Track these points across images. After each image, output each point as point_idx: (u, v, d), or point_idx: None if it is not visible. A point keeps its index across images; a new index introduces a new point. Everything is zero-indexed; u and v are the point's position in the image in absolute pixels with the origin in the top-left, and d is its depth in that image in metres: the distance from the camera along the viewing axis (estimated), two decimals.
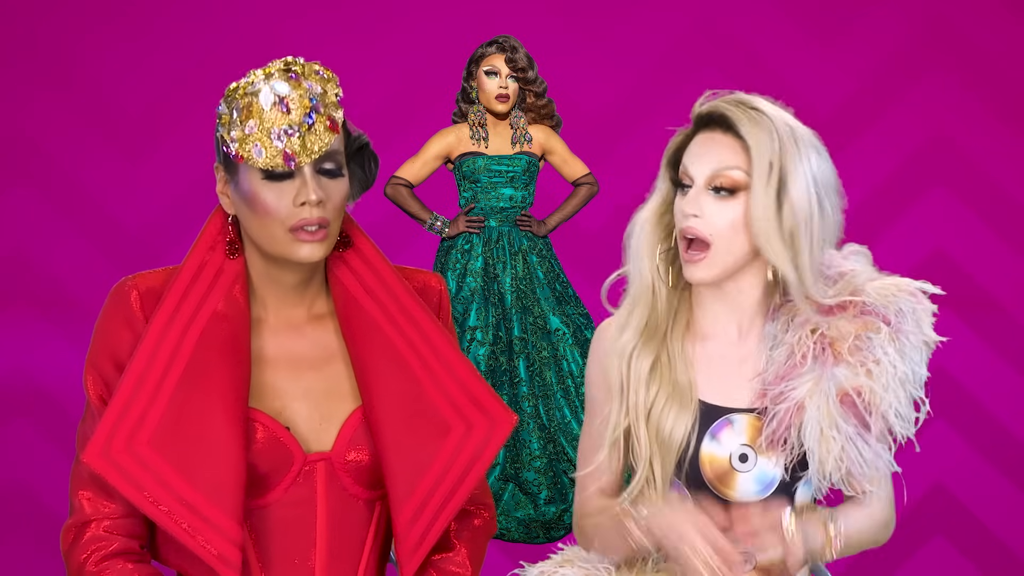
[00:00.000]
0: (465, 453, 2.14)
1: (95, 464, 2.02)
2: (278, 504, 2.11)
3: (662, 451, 2.15)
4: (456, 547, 2.24)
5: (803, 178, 2.08)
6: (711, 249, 2.11)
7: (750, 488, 2.16)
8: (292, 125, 2.02)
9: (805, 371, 2.11)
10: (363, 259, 2.19)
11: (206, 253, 2.13)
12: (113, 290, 2.13)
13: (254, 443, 2.08)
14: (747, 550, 2.09)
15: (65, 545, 2.11)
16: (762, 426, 2.14)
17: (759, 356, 2.18)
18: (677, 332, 2.19)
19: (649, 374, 2.16)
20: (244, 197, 2.07)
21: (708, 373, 2.18)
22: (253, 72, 2.07)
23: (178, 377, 2.05)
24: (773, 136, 2.08)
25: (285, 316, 2.16)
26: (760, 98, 2.14)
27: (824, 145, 2.16)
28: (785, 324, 2.16)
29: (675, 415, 2.15)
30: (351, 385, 2.16)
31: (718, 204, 2.11)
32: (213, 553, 2.02)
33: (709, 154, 2.12)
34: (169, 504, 2.02)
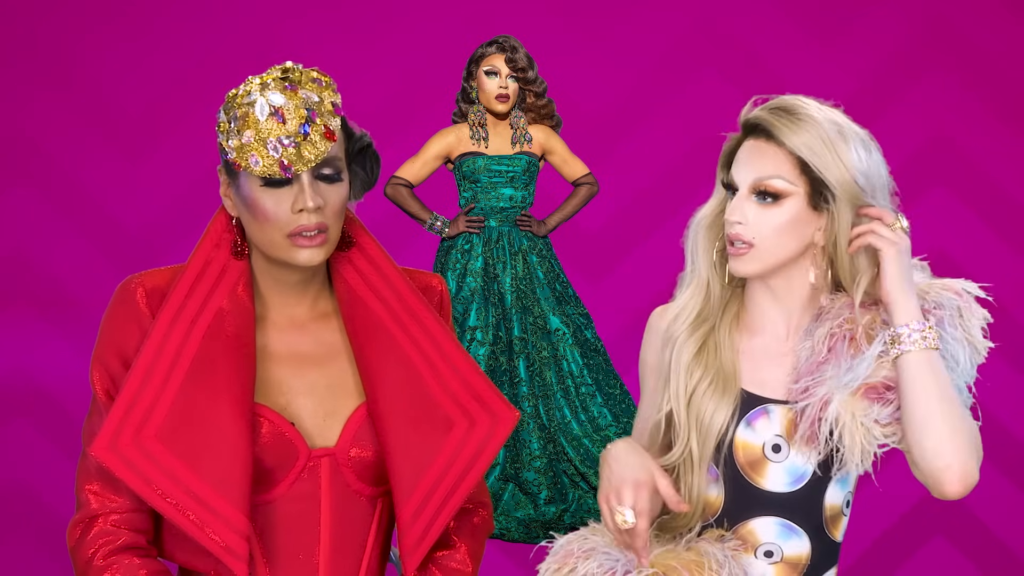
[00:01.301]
0: (468, 449, 2.15)
1: (103, 457, 2.03)
2: (283, 500, 2.12)
3: (700, 435, 2.19)
4: (456, 544, 2.25)
5: (854, 174, 2.11)
6: (754, 248, 2.15)
7: (781, 479, 2.19)
8: (288, 135, 2.02)
9: (829, 367, 2.14)
10: (367, 257, 2.20)
11: (211, 251, 2.14)
12: (119, 288, 2.14)
13: (259, 438, 2.09)
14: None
15: (72, 541, 2.11)
16: (796, 419, 2.17)
17: (798, 349, 2.21)
18: (725, 322, 2.23)
19: (694, 359, 2.20)
20: (244, 202, 2.09)
21: (751, 364, 2.22)
22: (250, 80, 2.07)
23: (184, 371, 2.06)
24: (816, 138, 2.11)
25: (288, 314, 2.17)
26: (804, 99, 2.17)
27: (877, 144, 2.18)
28: (821, 321, 2.19)
29: (717, 400, 2.19)
30: (355, 382, 2.17)
31: (762, 210, 2.15)
32: (221, 545, 2.03)
33: (752, 162, 2.15)
34: (177, 496, 2.03)
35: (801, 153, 2.11)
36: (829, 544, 2.24)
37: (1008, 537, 4.78)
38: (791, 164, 2.13)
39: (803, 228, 2.15)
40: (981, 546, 4.73)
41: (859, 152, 2.13)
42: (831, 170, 2.11)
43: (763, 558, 2.22)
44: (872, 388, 2.12)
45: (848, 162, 2.11)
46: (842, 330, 2.15)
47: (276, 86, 2.04)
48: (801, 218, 2.14)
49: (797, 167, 2.12)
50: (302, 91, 2.05)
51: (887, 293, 2.11)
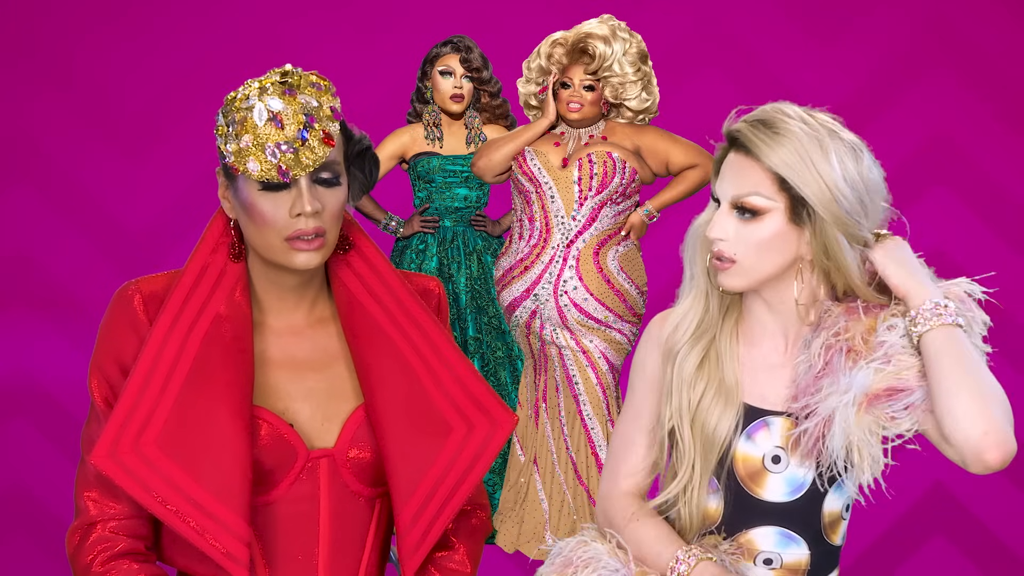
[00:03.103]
0: (466, 453, 2.15)
1: (103, 466, 2.03)
2: (282, 501, 2.12)
3: (704, 448, 2.18)
4: (455, 545, 2.25)
5: (833, 182, 2.09)
6: (737, 263, 2.14)
7: (780, 489, 2.19)
8: (286, 141, 2.02)
9: (827, 383, 2.13)
10: (365, 260, 2.20)
11: (208, 256, 2.14)
12: (116, 294, 2.14)
13: (258, 439, 2.09)
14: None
15: (71, 547, 2.11)
16: (798, 436, 2.16)
17: (796, 362, 2.20)
18: (726, 332, 2.22)
19: (696, 372, 2.20)
20: (242, 205, 2.09)
21: (750, 376, 2.21)
22: (249, 83, 2.06)
23: (183, 378, 2.07)
24: (794, 154, 2.09)
25: (286, 319, 2.17)
26: (788, 110, 2.15)
27: (870, 150, 2.16)
28: (817, 332, 2.18)
29: (720, 411, 2.18)
30: (353, 386, 2.17)
31: (742, 226, 2.13)
32: (222, 551, 2.04)
33: (733, 177, 2.14)
34: (177, 503, 2.03)
35: (779, 170, 2.10)
36: (828, 549, 2.24)
37: (1008, 537, 4.77)
38: (770, 180, 2.11)
39: (785, 243, 2.13)
40: (981, 546, 4.73)
41: (844, 162, 2.10)
42: (809, 185, 2.09)
43: (762, 566, 2.22)
44: (876, 398, 2.11)
45: (827, 176, 2.09)
46: (838, 341, 2.14)
47: (275, 91, 2.04)
48: (781, 233, 2.12)
49: (776, 183, 2.11)
50: (301, 96, 2.04)
51: (896, 287, 2.11)
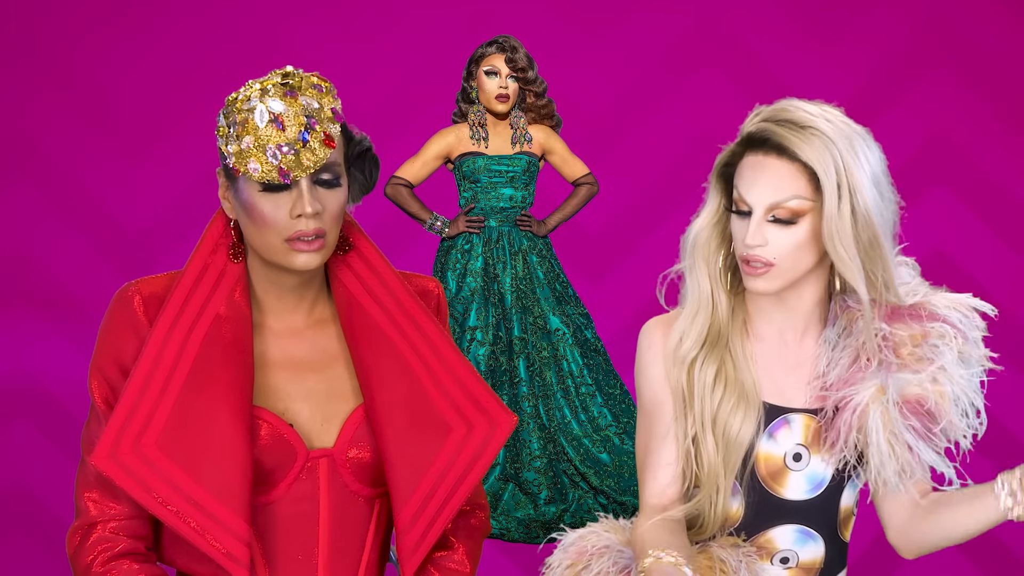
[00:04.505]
0: (466, 453, 2.15)
1: (103, 466, 2.03)
2: (282, 501, 2.12)
3: (727, 453, 2.15)
4: (454, 545, 2.25)
5: (867, 181, 2.06)
6: (775, 267, 2.10)
7: (801, 487, 2.18)
8: (287, 142, 2.02)
9: (869, 375, 2.12)
10: (365, 261, 2.20)
11: (208, 256, 2.14)
12: (116, 295, 2.14)
13: (258, 439, 2.09)
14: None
15: (71, 548, 2.12)
16: (818, 426, 2.16)
17: (816, 359, 2.18)
18: (736, 334, 2.19)
19: (714, 380, 2.16)
20: (243, 206, 2.09)
21: (765, 374, 2.19)
22: (250, 84, 2.06)
23: (183, 379, 2.07)
24: (833, 152, 2.05)
25: (286, 320, 2.17)
26: (804, 106, 2.10)
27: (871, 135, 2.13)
28: (848, 328, 2.16)
29: (742, 417, 2.15)
30: (352, 387, 2.17)
31: (780, 231, 2.08)
32: (222, 551, 2.04)
33: (765, 182, 2.08)
34: (177, 504, 2.03)
35: (816, 167, 2.05)
36: (840, 545, 2.25)
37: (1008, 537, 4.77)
38: (806, 179, 2.07)
39: (819, 241, 2.10)
40: (981, 546, 4.73)
41: (868, 154, 2.08)
42: (854, 175, 2.04)
43: (779, 565, 2.21)
44: (908, 403, 2.11)
45: (861, 169, 2.06)
46: (887, 343, 2.11)
47: (276, 92, 2.03)
48: (817, 232, 2.09)
49: (812, 182, 2.06)
50: (302, 97, 2.04)
51: None
